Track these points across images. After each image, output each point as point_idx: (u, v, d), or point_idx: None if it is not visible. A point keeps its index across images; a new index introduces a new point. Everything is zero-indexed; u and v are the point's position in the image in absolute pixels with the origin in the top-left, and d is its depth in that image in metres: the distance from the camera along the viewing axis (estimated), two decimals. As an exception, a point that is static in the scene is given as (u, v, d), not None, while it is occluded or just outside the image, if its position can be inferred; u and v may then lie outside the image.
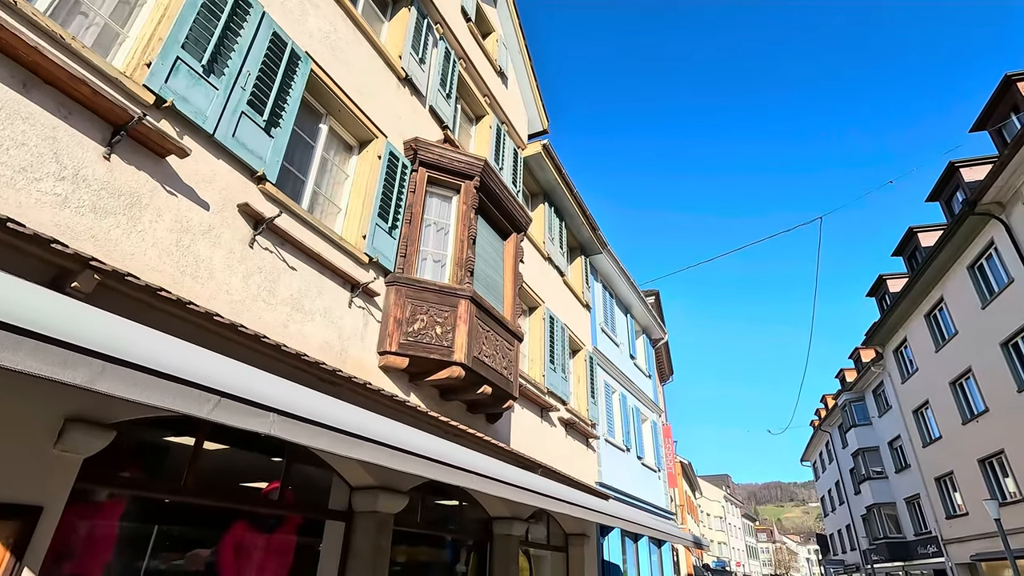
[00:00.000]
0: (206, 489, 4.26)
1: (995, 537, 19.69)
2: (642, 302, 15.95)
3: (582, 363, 11.48)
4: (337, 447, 3.00)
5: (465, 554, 7.28)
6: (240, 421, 2.49)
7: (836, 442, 38.09)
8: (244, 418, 2.53)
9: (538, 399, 8.69)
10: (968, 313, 19.95)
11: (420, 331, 5.60)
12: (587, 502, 7.16)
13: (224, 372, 2.58)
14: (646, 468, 14.27)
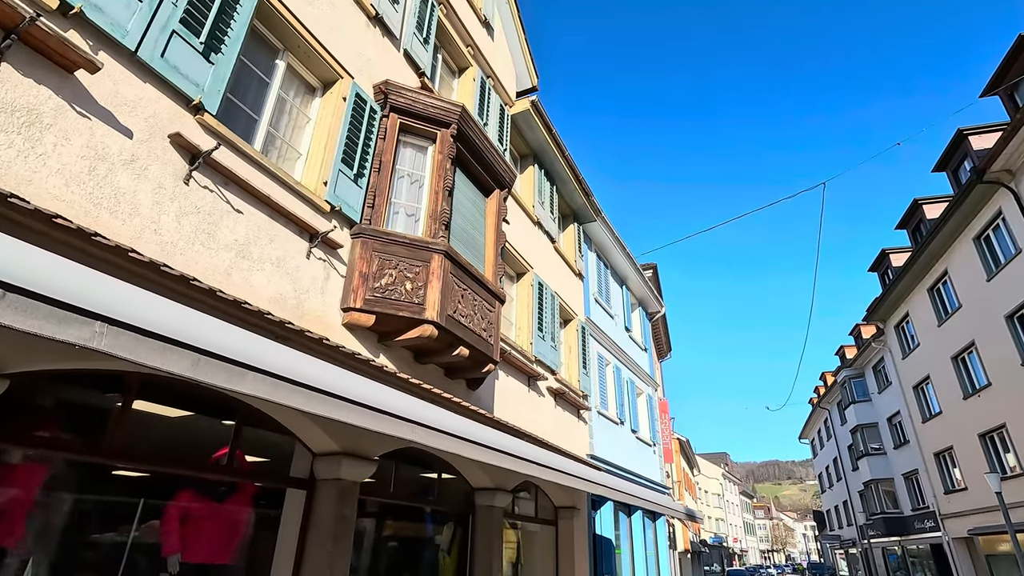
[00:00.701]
0: (144, 454, 3.87)
1: (993, 511, 19.53)
2: (638, 274, 15.49)
3: (574, 333, 11.07)
4: (282, 397, 2.59)
5: (445, 527, 6.95)
6: (143, 356, 2.05)
7: (835, 419, 37.98)
8: (149, 354, 2.10)
9: (525, 367, 8.29)
10: (973, 286, 19.49)
11: (388, 287, 5.15)
12: (576, 471, 6.80)
13: (125, 300, 2.13)
14: (641, 442, 13.97)
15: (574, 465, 6.96)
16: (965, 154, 19.63)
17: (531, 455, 5.88)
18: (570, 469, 6.68)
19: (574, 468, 6.85)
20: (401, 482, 6.16)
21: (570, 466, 6.78)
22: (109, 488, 3.88)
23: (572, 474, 6.53)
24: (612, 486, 7.52)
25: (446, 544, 6.97)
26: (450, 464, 6.85)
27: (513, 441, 5.77)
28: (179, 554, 4.01)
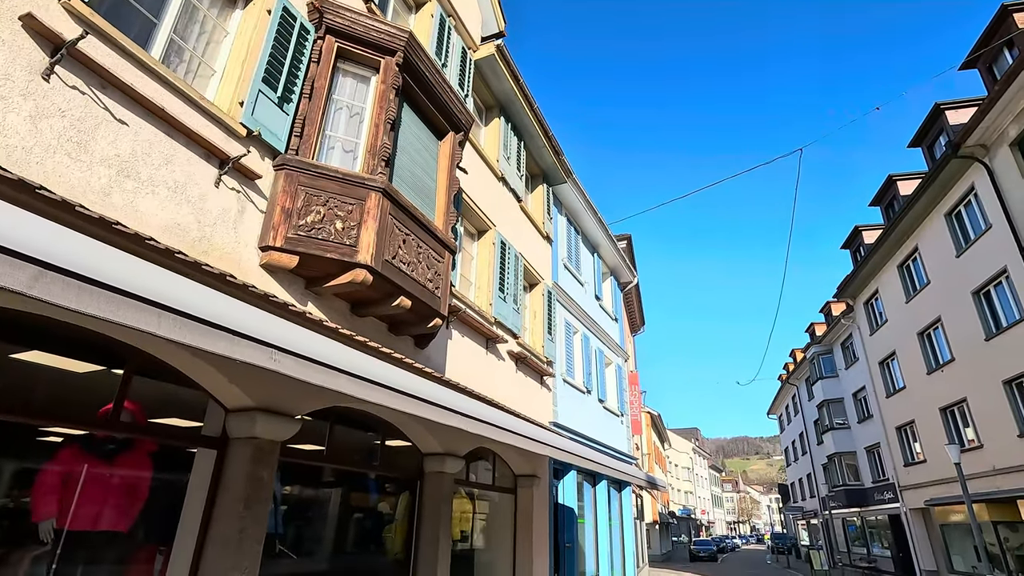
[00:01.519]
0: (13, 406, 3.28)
1: (949, 483, 20.01)
2: (611, 241, 15.05)
3: (539, 298, 10.61)
4: (171, 330, 2.05)
5: (391, 494, 6.50)
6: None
7: (803, 395, 38.68)
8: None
9: (483, 328, 7.80)
10: (942, 262, 19.60)
11: (315, 225, 4.56)
12: (535, 435, 6.40)
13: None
14: (608, 412, 13.71)
15: (532, 429, 6.55)
16: (941, 129, 19.51)
17: (485, 416, 5.44)
18: (528, 432, 6.27)
19: (532, 431, 6.44)
20: (337, 445, 5.66)
21: (528, 429, 6.38)
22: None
23: (528, 436, 6.13)
24: (572, 451, 7.16)
25: (393, 512, 6.54)
26: (396, 428, 6.38)
27: (465, 401, 5.31)
28: (52, 520, 3.46)
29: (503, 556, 8.71)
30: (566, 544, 10.38)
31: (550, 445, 6.61)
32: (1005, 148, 15.87)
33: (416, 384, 4.49)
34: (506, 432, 5.76)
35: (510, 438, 5.81)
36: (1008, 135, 15.67)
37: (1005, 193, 16.01)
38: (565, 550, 10.34)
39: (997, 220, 16.43)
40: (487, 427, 5.40)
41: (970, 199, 18.06)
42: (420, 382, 4.62)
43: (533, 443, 6.23)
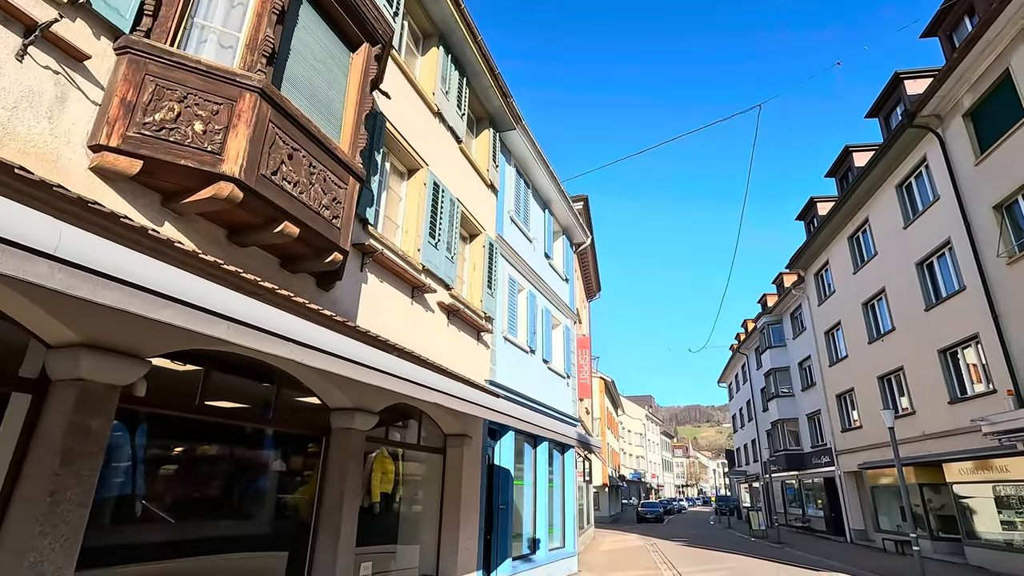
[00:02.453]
0: None
1: (881, 448, 20.77)
2: (564, 198, 14.41)
3: (480, 249, 9.93)
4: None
5: (290, 451, 5.83)
6: None
7: (752, 364, 39.71)
8: None
9: (407, 275, 7.09)
10: (890, 234, 19.85)
11: (167, 124, 3.71)
12: (461, 392, 5.81)
13: None
14: (553, 373, 13.32)
15: (458, 387, 5.96)
16: (899, 99, 19.47)
17: (401, 372, 4.81)
18: (452, 390, 5.68)
19: (457, 390, 5.85)
20: (217, 395, 4.92)
21: (452, 387, 5.78)
22: None
23: (451, 394, 5.54)
24: (500, 410, 6.62)
25: (294, 472, 5.88)
26: (295, 378, 5.66)
27: (378, 355, 4.64)
28: None
29: (429, 518, 8.23)
30: (500, 506, 10.01)
31: (476, 403, 6.06)
32: (958, 119, 15.87)
33: (314, 333, 3.82)
34: (426, 390, 5.15)
35: (432, 396, 5.21)
36: (962, 105, 15.64)
37: (954, 164, 16.10)
38: (499, 512, 9.98)
39: (945, 192, 16.56)
40: (403, 384, 4.78)
41: (921, 171, 18.18)
42: (320, 331, 3.94)
43: (458, 401, 5.66)
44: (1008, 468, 14.41)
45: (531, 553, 11.26)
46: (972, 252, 15.27)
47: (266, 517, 5.54)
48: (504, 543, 9.86)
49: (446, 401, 5.52)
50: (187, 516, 4.79)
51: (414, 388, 4.98)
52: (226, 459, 5.17)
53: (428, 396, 5.22)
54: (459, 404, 5.75)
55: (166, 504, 4.63)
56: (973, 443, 15.40)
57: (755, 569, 14.57)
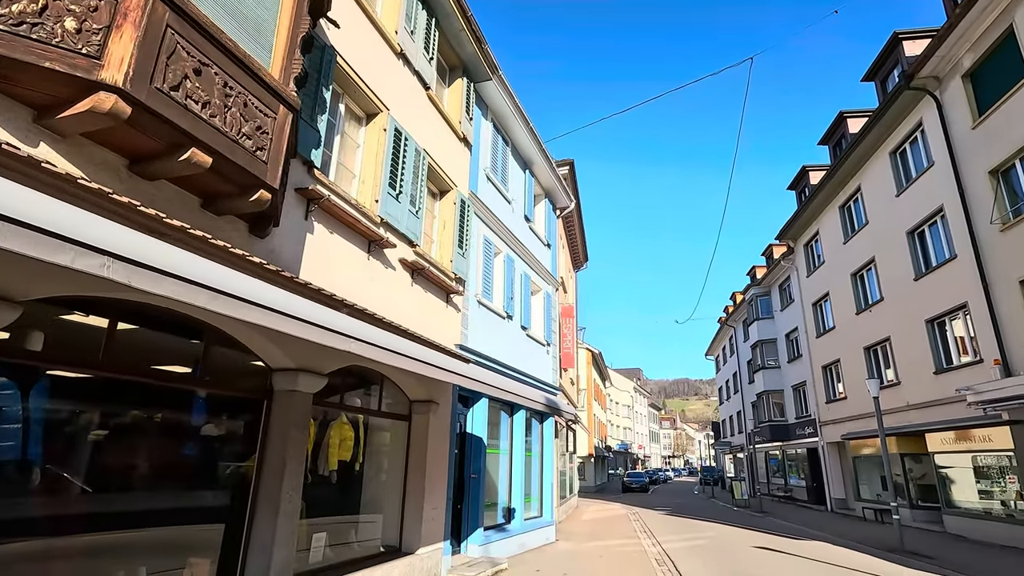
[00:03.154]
0: None
1: (864, 418, 20.73)
2: (546, 159, 13.75)
3: (451, 206, 9.32)
4: None
5: (225, 415, 5.32)
6: None
7: (739, 336, 39.66)
8: None
9: (362, 227, 6.50)
10: (882, 202, 19.40)
11: (26, 17, 3.06)
12: (420, 354, 5.31)
13: None
14: (532, 340, 12.87)
15: (419, 348, 5.45)
16: (897, 61, 18.77)
17: (350, 329, 4.29)
18: (411, 352, 5.17)
19: (418, 351, 5.35)
20: (128, 351, 4.37)
21: (412, 348, 5.28)
22: None
23: (408, 355, 5.04)
24: (466, 374, 6.14)
25: (229, 438, 5.39)
26: (229, 335, 5.11)
27: (321, 311, 4.12)
28: None
29: (392, 488, 7.83)
30: (472, 475, 9.65)
31: (438, 367, 5.56)
32: (957, 80, 15.27)
33: (236, 281, 3.28)
34: (381, 351, 4.65)
35: (388, 357, 4.71)
36: (962, 65, 15.02)
37: (951, 128, 15.56)
38: (471, 481, 9.62)
39: (940, 157, 16.06)
40: (352, 343, 4.26)
41: (916, 136, 17.64)
42: (244, 279, 3.41)
43: (418, 365, 5.17)
44: (991, 438, 14.28)
45: (505, 522, 10.98)
46: (965, 219, 14.86)
47: (199, 487, 5.06)
48: (475, 512, 9.52)
49: (404, 364, 5.03)
50: (106, 486, 4.30)
51: (365, 348, 4.47)
52: (150, 424, 4.65)
53: (383, 357, 4.72)
54: (419, 367, 5.26)
55: (78, 472, 4.14)
56: (957, 413, 15.26)
57: (735, 537, 14.48)
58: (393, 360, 4.89)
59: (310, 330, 3.88)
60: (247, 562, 5.06)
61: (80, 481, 4.17)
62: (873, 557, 11.58)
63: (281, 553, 5.11)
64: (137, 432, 4.58)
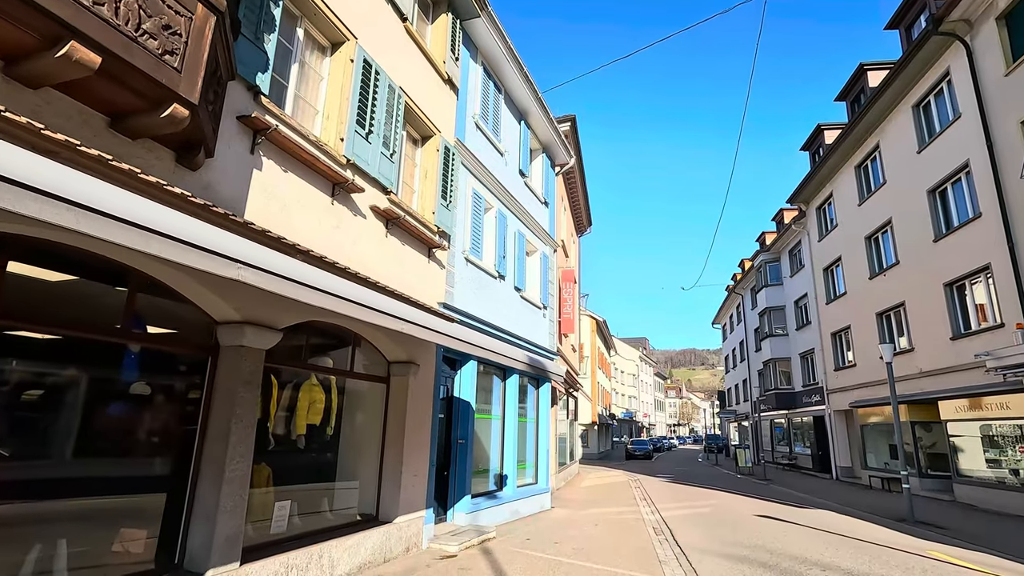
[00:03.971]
0: None
1: (873, 386, 20.13)
2: (542, 110, 12.86)
3: (434, 154, 8.58)
4: None
5: (163, 373, 4.76)
6: None
7: (747, 304, 38.92)
8: None
9: (321, 166, 5.81)
10: (902, 159, 18.33)
11: None
12: (391, 308, 4.70)
13: None
14: (527, 303, 12.24)
15: (391, 302, 4.83)
16: (924, 6, 17.45)
17: (303, 276, 3.69)
18: (381, 305, 4.57)
19: (390, 305, 4.74)
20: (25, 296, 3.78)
21: (382, 302, 4.67)
22: None
23: (374, 307, 4.44)
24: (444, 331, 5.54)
25: (168, 399, 4.84)
26: (163, 283, 4.50)
27: (269, 255, 3.51)
28: None
29: (370, 454, 7.34)
30: (459, 440, 9.17)
31: (412, 322, 4.97)
32: (991, 23, 14.08)
33: (149, 212, 2.68)
34: (342, 302, 4.07)
35: (350, 309, 4.13)
36: (997, 6, 13.81)
37: (981, 76, 14.43)
38: (458, 446, 9.14)
39: (968, 108, 14.97)
40: (303, 291, 3.67)
41: (942, 87, 16.48)
42: (162, 211, 2.80)
43: (383, 317, 4.58)
44: (1008, 405, 13.64)
45: (497, 490, 10.57)
46: (992, 175, 13.89)
47: (135, 453, 4.54)
48: (463, 479, 9.08)
49: (369, 316, 4.43)
50: (23, 452, 3.78)
51: (320, 298, 3.88)
52: (71, 383, 4.09)
53: (344, 309, 4.13)
54: (387, 321, 4.67)
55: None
56: (973, 380, 14.60)
57: (737, 505, 14.08)
58: (357, 312, 4.30)
59: (248, 274, 3.28)
60: (189, 532, 4.57)
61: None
62: (881, 527, 11.12)
63: (228, 522, 4.61)
64: (58, 392, 4.03)
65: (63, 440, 4.06)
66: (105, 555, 4.17)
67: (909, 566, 7.64)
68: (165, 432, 4.70)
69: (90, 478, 4.19)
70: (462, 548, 7.68)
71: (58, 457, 4.01)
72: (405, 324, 4.98)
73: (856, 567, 7.50)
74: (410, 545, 7.29)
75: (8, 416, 3.72)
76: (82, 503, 4.14)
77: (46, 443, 3.94)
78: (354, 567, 6.17)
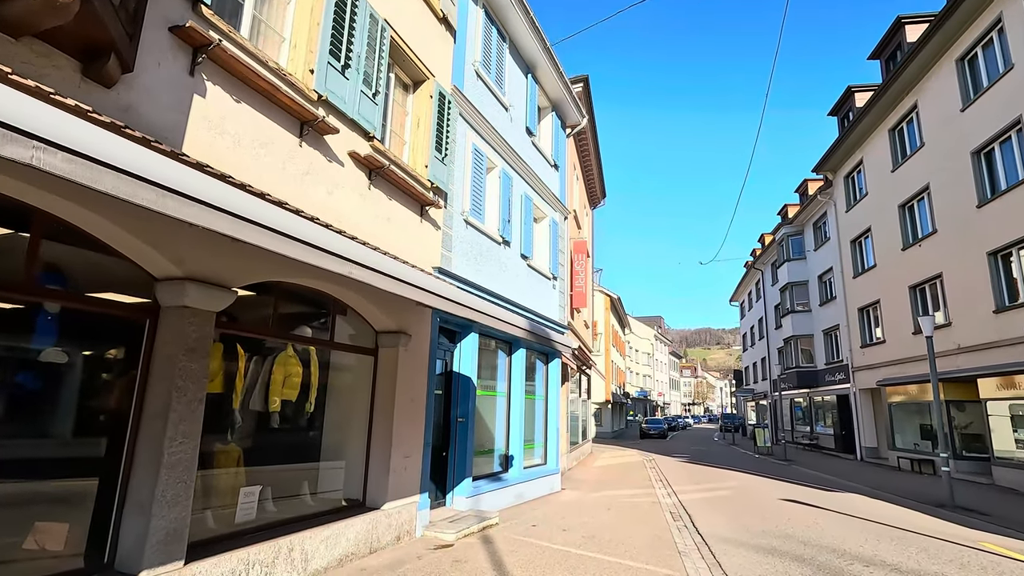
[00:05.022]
0: None
1: (904, 363, 19.01)
2: (551, 63, 11.80)
3: (427, 100, 7.66)
4: None
5: (93, 340, 4.00)
6: None
7: (767, 279, 37.62)
8: None
9: (284, 98, 4.95)
10: (942, 120, 16.92)
11: None
12: (365, 258, 3.88)
13: None
14: (534, 272, 11.37)
15: (368, 252, 4.00)
16: (973, -55, 15.86)
17: (251, 214, 2.88)
18: (354, 254, 3.75)
19: (366, 256, 3.92)
20: None
21: (359, 252, 3.84)
22: None
23: (340, 255, 3.62)
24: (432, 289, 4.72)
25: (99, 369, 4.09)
26: (69, 222, 3.71)
27: (209, 184, 2.69)
28: None
29: (355, 433, 6.60)
30: (459, 418, 8.42)
31: (392, 276, 4.14)
32: (1053, -41, 12.61)
33: (43, 115, 1.86)
34: (302, 247, 3.26)
35: (313, 256, 3.32)
36: (1062, -62, 12.33)
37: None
38: (458, 425, 8.40)
39: (1022, 58, 13.57)
40: (246, 228, 2.85)
41: (991, 37, 15.00)
42: (58, 117, 1.98)
43: (363, 271, 3.77)
44: (1060, 383, 12.54)
45: (502, 471, 9.85)
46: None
47: (61, 433, 3.81)
48: (463, 461, 8.35)
49: (345, 268, 3.64)
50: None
51: (284, 244, 3.08)
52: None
53: (314, 259, 3.35)
54: (371, 276, 3.87)
55: None
56: (1020, 356, 13.47)
57: (759, 488, 13.27)
58: (329, 263, 3.50)
59: (168, 201, 2.47)
60: (121, 526, 3.85)
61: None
62: (920, 513, 10.22)
63: (168, 513, 3.88)
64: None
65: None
66: (15, 551, 3.47)
67: (964, 561, 6.76)
68: (93, 408, 3.97)
69: (13, 460, 3.47)
70: (459, 536, 6.97)
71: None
72: (390, 281, 4.16)
73: (904, 562, 6.65)
74: (401, 533, 6.59)
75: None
76: None
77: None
78: (333, 560, 5.47)
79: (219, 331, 4.93)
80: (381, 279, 4.10)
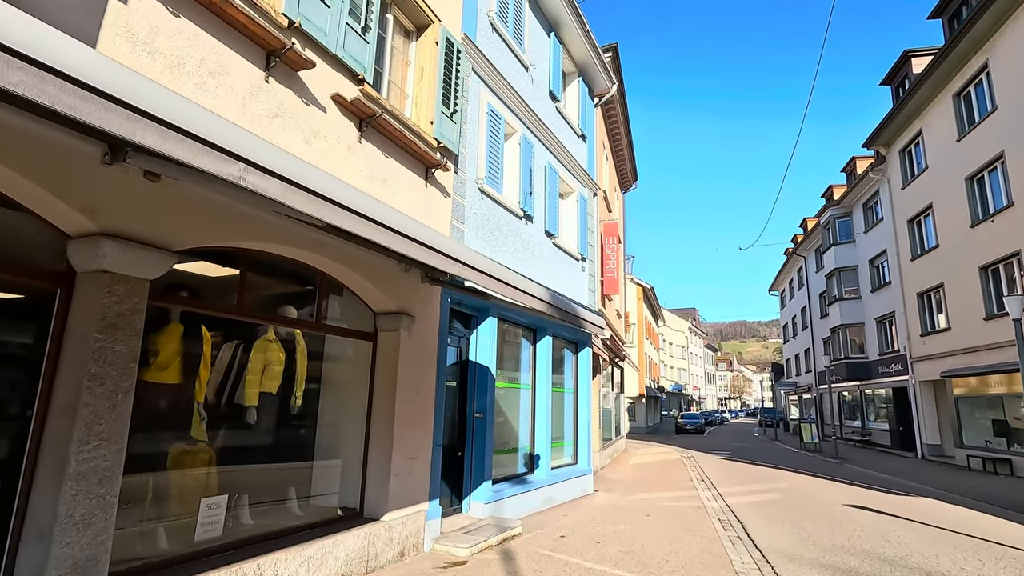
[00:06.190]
0: None
1: (973, 352, 17.16)
2: (578, 21, 10.64)
3: (431, 47, 6.64)
4: None
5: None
6: None
7: (810, 266, 35.50)
8: None
9: (240, 17, 3.99)
10: (1018, 77, 15.04)
11: None
12: (339, 194, 2.94)
13: None
14: (560, 251, 10.27)
15: (353, 192, 3.04)
16: None
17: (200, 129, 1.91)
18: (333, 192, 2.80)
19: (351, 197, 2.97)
20: None
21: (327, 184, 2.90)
22: None
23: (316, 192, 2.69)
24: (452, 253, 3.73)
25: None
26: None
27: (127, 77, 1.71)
28: None
29: (351, 432, 5.67)
30: (476, 414, 7.42)
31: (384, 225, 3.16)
32: None
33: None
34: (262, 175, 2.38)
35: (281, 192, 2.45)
36: None
37: None
38: (475, 421, 7.40)
39: (1124, -3, 11.70)
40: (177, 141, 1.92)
41: (1083, -23, 13.11)
42: None
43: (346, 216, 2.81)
44: None
45: (527, 472, 8.83)
46: None
47: (-56, 428, 2.95)
48: (481, 461, 7.35)
49: (309, 207, 2.77)
50: None
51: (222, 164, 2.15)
52: None
53: (275, 193, 2.46)
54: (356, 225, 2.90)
55: None
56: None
57: (815, 490, 11.89)
58: (297, 201, 2.56)
59: None
60: (17, 555, 2.96)
61: None
62: (1014, 523, 8.76)
63: (77, 537, 2.98)
64: None
65: None
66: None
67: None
68: None
69: None
70: (475, 551, 5.97)
71: None
72: (387, 233, 3.18)
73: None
74: (405, 548, 5.62)
75: None
76: None
77: None
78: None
79: (180, 308, 4.05)
80: (373, 230, 3.11)
